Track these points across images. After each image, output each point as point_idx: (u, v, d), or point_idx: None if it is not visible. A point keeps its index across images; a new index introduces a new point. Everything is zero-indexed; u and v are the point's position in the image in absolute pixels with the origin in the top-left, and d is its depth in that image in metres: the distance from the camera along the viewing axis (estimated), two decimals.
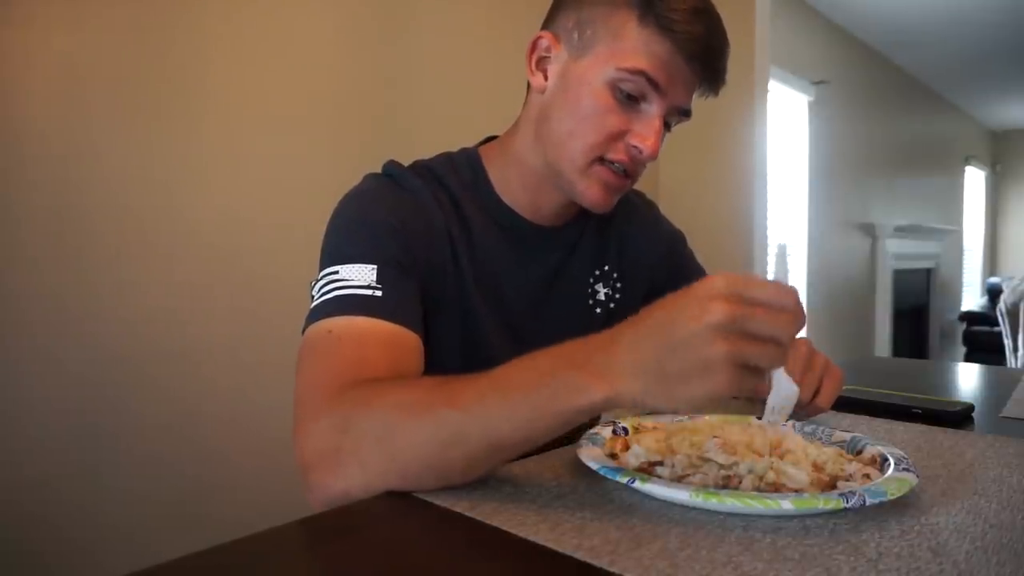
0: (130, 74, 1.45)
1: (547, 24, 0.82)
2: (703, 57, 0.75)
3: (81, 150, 1.39)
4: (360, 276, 0.70)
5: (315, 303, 0.71)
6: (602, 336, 0.53)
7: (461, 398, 0.55)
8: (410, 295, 0.73)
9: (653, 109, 0.76)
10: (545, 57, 0.80)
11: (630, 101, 0.76)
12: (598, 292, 0.93)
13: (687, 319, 0.48)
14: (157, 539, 1.43)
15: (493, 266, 0.84)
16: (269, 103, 1.67)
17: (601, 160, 0.78)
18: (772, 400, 0.57)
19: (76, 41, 1.38)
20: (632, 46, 0.74)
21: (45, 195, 1.35)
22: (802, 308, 0.50)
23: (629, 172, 0.79)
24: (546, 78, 0.80)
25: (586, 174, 0.78)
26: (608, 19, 0.75)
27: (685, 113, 0.79)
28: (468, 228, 0.82)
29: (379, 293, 0.70)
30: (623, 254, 0.96)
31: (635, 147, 0.76)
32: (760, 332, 0.48)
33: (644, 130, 0.76)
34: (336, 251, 0.74)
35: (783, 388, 0.56)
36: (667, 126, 0.80)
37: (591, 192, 0.79)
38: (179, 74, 1.52)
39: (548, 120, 0.79)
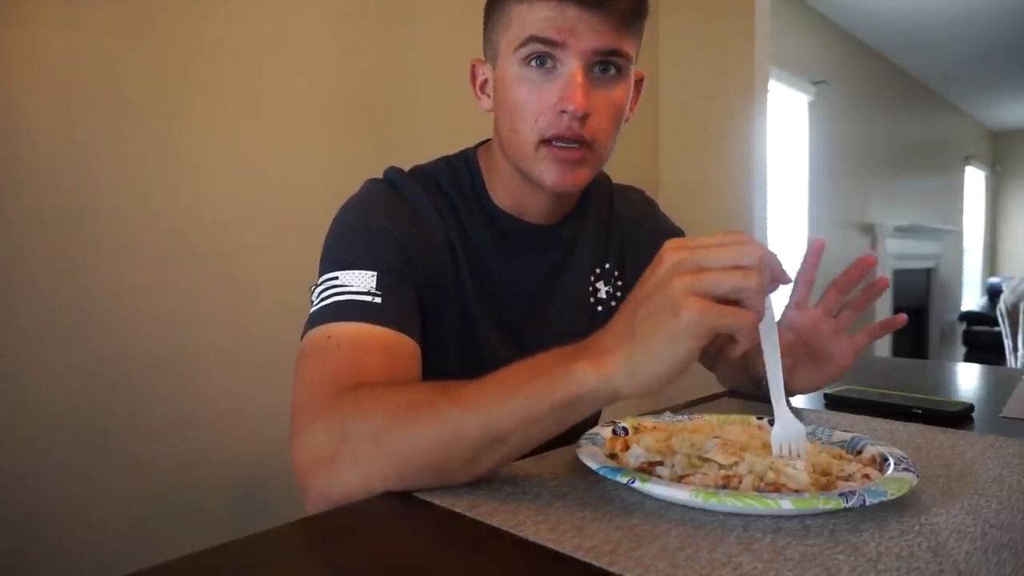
0: (127, 74, 1.44)
1: None
2: None
3: (77, 151, 1.39)
4: (360, 282, 0.71)
5: (315, 308, 0.71)
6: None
7: (459, 395, 0.55)
8: (409, 302, 0.74)
9: (565, 67, 0.75)
10: (484, 81, 0.84)
11: (546, 76, 0.76)
12: (599, 290, 0.93)
13: (647, 277, 0.52)
14: (153, 542, 1.43)
15: (492, 270, 0.84)
16: (268, 105, 1.67)
17: (547, 142, 0.77)
18: (776, 436, 0.58)
19: (73, 41, 1.37)
20: (520, 25, 0.76)
21: (40, 196, 1.34)
22: (759, 243, 0.51)
23: (581, 140, 0.77)
24: (489, 97, 0.83)
25: (537, 159, 0.78)
26: (500, 18, 0.79)
27: (613, 54, 0.75)
28: (467, 234, 0.83)
29: (379, 300, 0.70)
30: (624, 252, 0.96)
31: (562, 110, 0.75)
32: (716, 263, 0.49)
33: (564, 90, 0.75)
34: (336, 257, 0.74)
35: (785, 424, 0.58)
36: (606, 74, 0.76)
37: (548, 174, 0.78)
38: (177, 75, 1.52)
39: (498, 128, 0.82)
